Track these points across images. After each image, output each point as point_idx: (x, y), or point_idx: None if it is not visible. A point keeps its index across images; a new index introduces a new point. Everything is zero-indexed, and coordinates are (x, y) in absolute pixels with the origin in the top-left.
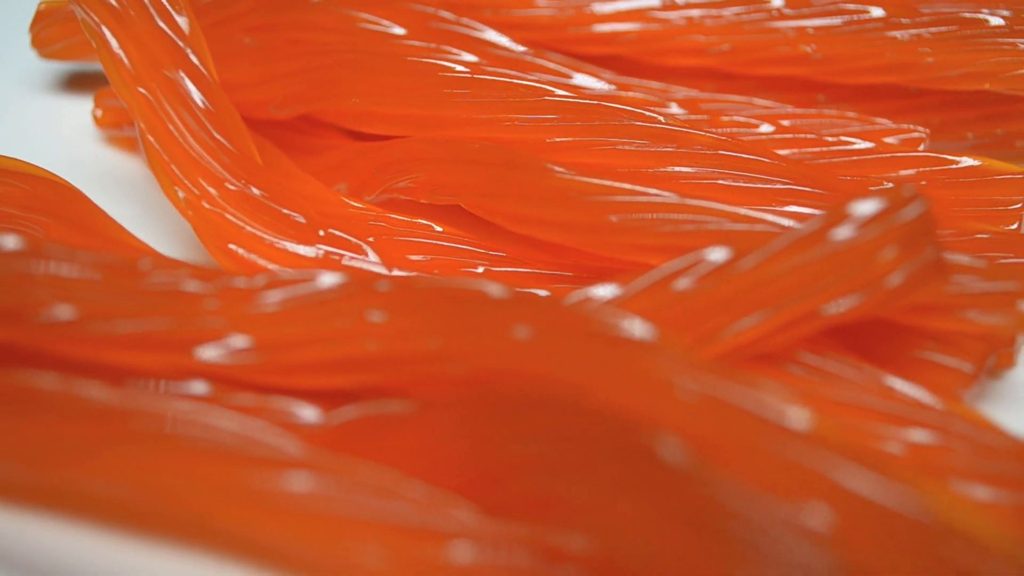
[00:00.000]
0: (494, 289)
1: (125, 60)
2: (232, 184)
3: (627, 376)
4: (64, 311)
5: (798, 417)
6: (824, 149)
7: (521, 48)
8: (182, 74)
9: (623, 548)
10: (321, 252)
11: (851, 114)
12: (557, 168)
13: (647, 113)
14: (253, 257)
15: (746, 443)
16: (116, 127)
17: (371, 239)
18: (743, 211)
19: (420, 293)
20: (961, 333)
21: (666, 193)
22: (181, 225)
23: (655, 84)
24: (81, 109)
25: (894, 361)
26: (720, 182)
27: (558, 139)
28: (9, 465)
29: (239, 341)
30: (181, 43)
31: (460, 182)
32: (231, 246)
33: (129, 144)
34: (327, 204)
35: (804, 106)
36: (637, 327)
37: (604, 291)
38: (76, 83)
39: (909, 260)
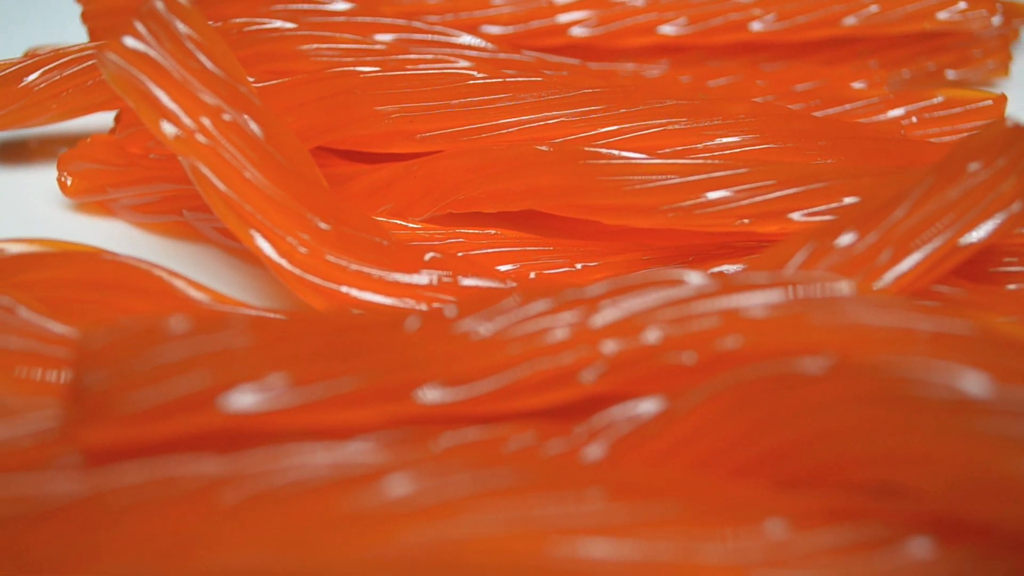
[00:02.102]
0: (693, 276)
1: (180, 113)
2: (323, 224)
3: (860, 330)
4: (276, 380)
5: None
6: (815, 103)
7: (491, 46)
8: (245, 116)
9: (929, 486)
10: (435, 278)
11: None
12: (636, 155)
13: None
14: (368, 296)
15: (982, 364)
16: (89, 192)
17: (460, 255)
18: (831, 167)
19: (624, 291)
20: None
21: (756, 167)
22: (221, 277)
23: (629, 66)
24: (37, 178)
25: (983, 279)
26: (768, 146)
27: (603, 129)
28: (286, 561)
29: (460, 376)
30: (234, 82)
31: (533, 185)
32: (344, 288)
33: (103, 208)
34: (393, 229)
35: (749, 69)
36: (843, 285)
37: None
38: (16, 152)
39: None
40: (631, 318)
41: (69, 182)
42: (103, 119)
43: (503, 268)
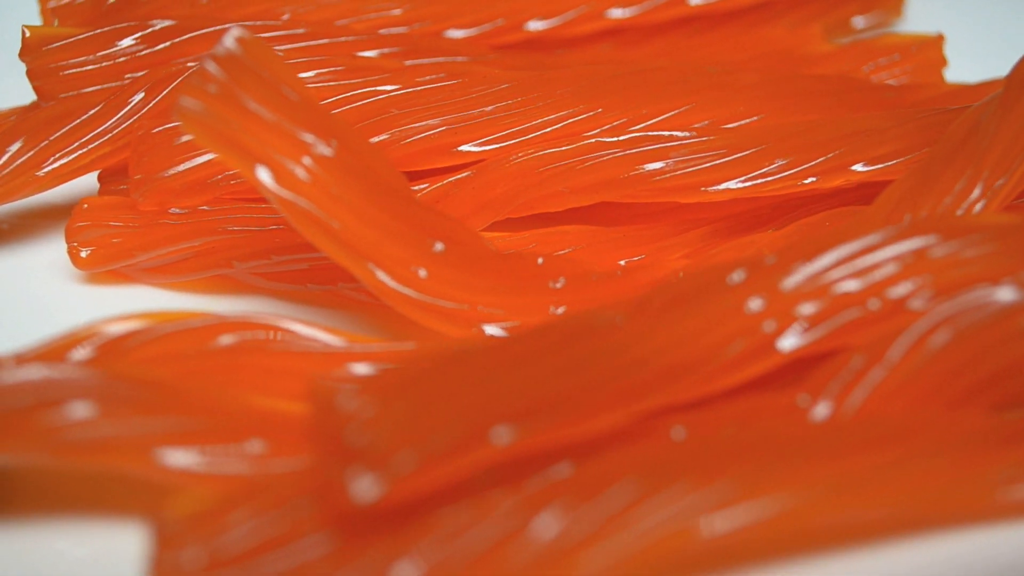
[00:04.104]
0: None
1: (277, 155)
2: (439, 245)
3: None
4: (533, 404)
5: None
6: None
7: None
8: (339, 145)
9: None
10: (559, 282)
11: None
12: (685, 134)
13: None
14: (500, 311)
15: None
16: (108, 260)
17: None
18: (875, 117)
19: (801, 255)
20: None
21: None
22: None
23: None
24: (27, 255)
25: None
26: (766, 111)
27: (641, 112)
28: None
29: (680, 364)
30: (319, 110)
31: (606, 177)
32: (479, 307)
33: (117, 275)
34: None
35: (687, 40)
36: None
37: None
38: None
39: None
40: (817, 277)
41: (85, 253)
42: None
43: None
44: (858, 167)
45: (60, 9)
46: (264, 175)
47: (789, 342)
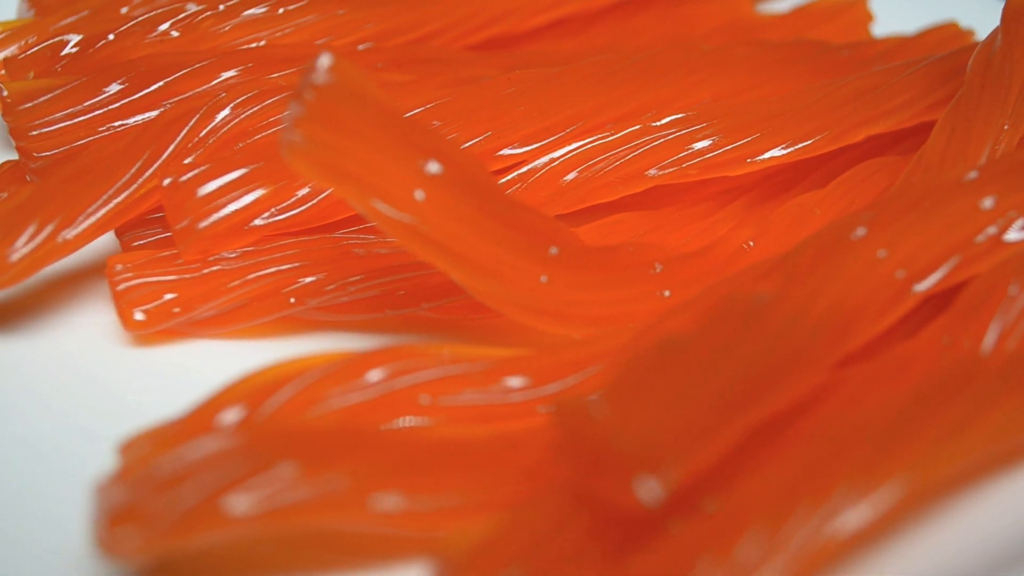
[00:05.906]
0: (936, 176)
1: (392, 181)
2: (553, 248)
3: None
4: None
5: None
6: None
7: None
8: (443, 160)
9: None
10: (658, 268)
11: None
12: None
13: None
14: (617, 307)
15: None
16: (165, 319)
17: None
18: (876, 75)
19: (909, 206)
20: None
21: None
22: None
23: None
24: (69, 323)
25: None
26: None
27: (662, 97)
28: None
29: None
30: (416, 126)
31: (653, 163)
32: (603, 307)
33: (165, 333)
34: None
35: (624, 23)
36: None
37: None
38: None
39: None
40: (925, 224)
41: (140, 315)
42: None
43: None
44: (876, 122)
45: (11, 61)
46: (379, 202)
47: (919, 287)
